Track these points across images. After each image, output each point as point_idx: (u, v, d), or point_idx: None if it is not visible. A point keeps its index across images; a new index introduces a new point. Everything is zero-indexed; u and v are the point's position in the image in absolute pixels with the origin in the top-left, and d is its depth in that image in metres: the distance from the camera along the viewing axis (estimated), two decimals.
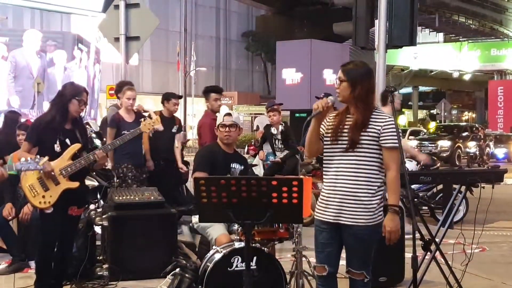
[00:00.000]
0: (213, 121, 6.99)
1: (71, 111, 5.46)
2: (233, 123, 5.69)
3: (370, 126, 4.10)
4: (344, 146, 4.12)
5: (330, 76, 18.78)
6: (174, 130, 9.14)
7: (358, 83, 4.11)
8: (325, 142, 4.25)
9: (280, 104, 10.35)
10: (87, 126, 8.33)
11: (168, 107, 9.18)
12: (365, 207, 4.07)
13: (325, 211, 4.17)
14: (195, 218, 5.73)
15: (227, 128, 5.67)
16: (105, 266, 6.37)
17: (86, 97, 5.60)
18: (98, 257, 6.63)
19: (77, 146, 5.45)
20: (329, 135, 4.20)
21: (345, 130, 4.14)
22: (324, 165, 4.26)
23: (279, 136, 9.92)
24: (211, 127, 7.10)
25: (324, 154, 4.26)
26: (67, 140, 5.44)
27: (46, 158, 4.88)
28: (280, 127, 9.91)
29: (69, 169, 5.34)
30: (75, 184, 5.39)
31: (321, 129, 4.25)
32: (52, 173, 5.25)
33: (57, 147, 5.38)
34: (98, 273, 6.31)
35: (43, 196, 5.25)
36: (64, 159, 5.36)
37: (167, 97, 9.26)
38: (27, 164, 4.88)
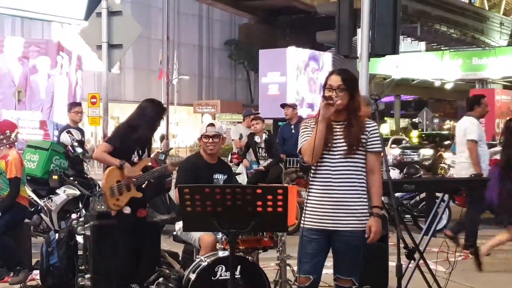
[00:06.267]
0: None
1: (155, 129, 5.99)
2: (217, 133, 5.58)
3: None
4: (337, 153, 4.12)
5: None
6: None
7: (356, 91, 4.18)
8: None
9: (257, 112, 10.41)
10: (69, 134, 8.23)
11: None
12: (358, 212, 4.12)
13: (320, 219, 4.15)
14: (178, 225, 5.69)
15: (210, 139, 5.56)
16: (87, 276, 6.30)
17: None
18: (80, 267, 6.56)
19: (148, 160, 5.94)
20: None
21: (336, 138, 4.14)
22: (313, 172, 4.21)
23: (262, 145, 9.91)
24: None
25: None
26: (140, 152, 5.87)
27: (17, 130, 5.37)
28: (264, 136, 9.90)
29: (141, 179, 5.77)
30: (140, 194, 5.79)
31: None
32: (134, 179, 5.69)
33: (134, 158, 5.80)
34: (80, 283, 6.24)
35: (117, 199, 5.66)
36: (136, 170, 5.75)
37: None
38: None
